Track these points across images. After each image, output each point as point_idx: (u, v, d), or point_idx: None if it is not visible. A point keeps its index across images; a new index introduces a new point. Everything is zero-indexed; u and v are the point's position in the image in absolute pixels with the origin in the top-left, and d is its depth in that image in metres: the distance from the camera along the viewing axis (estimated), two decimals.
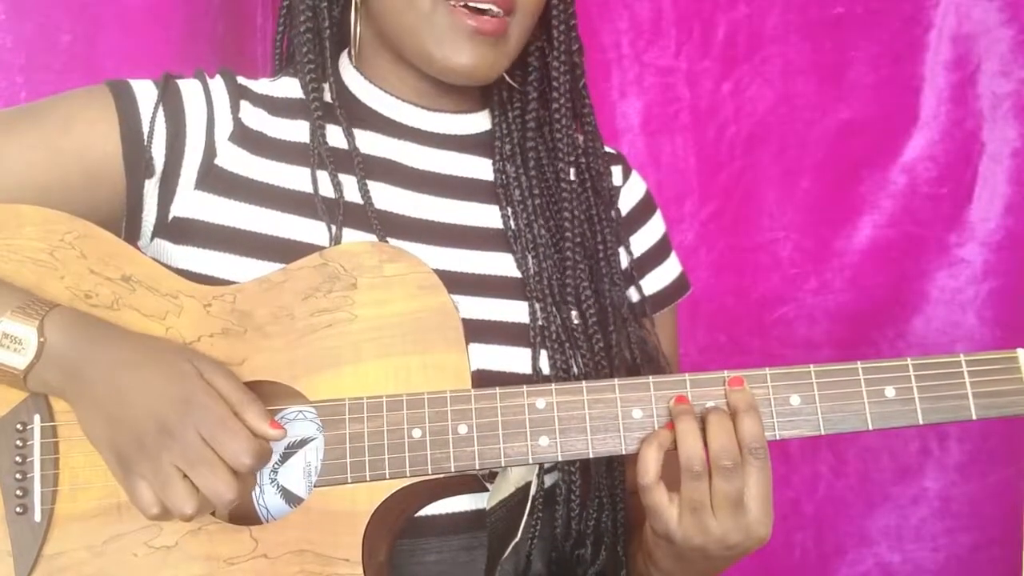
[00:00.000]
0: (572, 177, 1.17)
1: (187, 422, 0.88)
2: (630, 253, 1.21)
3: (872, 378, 0.93)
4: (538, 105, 1.18)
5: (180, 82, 1.11)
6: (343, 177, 1.10)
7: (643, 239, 1.24)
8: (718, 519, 0.91)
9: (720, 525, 0.91)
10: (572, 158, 1.17)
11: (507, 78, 1.17)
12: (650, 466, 0.91)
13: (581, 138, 1.21)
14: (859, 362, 0.93)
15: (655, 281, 1.24)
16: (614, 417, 0.93)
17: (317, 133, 1.11)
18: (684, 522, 0.92)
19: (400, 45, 1.11)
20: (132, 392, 0.90)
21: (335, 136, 1.13)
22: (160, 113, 1.07)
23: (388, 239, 1.06)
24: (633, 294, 1.21)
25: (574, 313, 1.12)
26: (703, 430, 0.91)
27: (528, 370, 1.08)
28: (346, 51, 1.19)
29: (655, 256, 1.24)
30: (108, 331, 0.95)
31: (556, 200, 1.16)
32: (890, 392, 0.93)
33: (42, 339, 0.92)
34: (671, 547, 0.95)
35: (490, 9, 1.05)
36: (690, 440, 0.90)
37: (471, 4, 1.05)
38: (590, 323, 1.12)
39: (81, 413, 0.93)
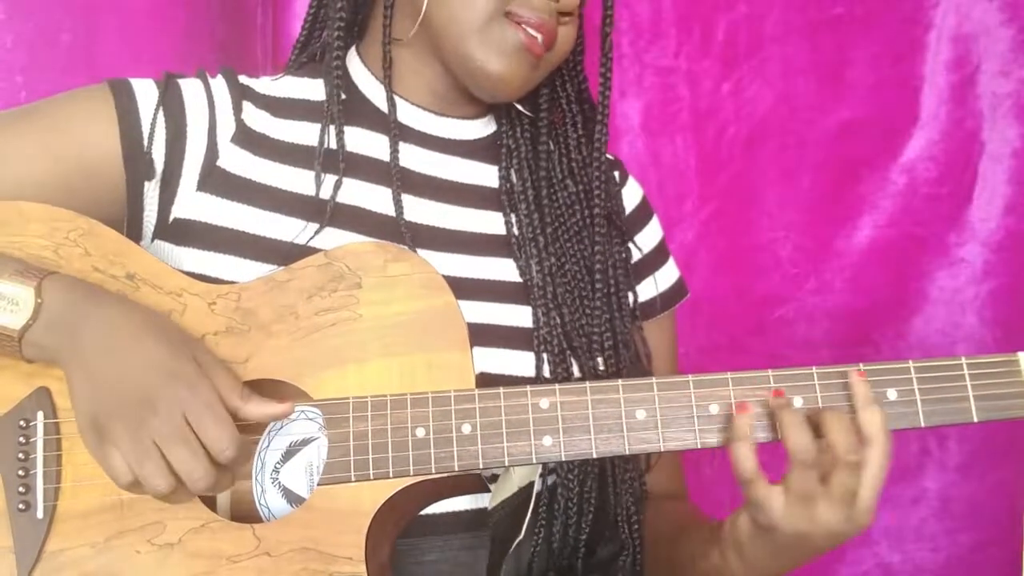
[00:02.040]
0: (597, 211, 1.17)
1: (173, 399, 0.86)
2: (639, 250, 1.21)
3: (874, 380, 0.93)
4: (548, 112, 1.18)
5: (181, 82, 1.10)
6: (348, 180, 1.09)
7: (641, 243, 1.23)
8: (832, 510, 0.90)
9: (833, 515, 0.90)
10: (600, 195, 1.17)
11: (517, 105, 1.17)
12: (747, 462, 0.90)
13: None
14: (861, 364, 0.93)
15: (654, 285, 1.23)
16: (618, 417, 0.93)
17: (332, 136, 1.10)
18: (791, 512, 0.90)
19: (440, 39, 1.08)
20: (124, 357, 0.89)
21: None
22: (160, 114, 1.06)
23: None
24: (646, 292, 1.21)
25: (591, 360, 1.11)
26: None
27: (531, 373, 1.08)
28: (354, 47, 1.18)
29: (654, 260, 1.24)
30: (110, 297, 0.95)
31: (565, 207, 1.16)
32: (892, 394, 0.93)
33: (39, 300, 0.91)
34: (772, 536, 0.93)
35: (538, 37, 1.06)
36: (798, 431, 0.89)
37: (526, 26, 1.06)
38: (603, 331, 1.12)
39: (69, 375, 0.91)
